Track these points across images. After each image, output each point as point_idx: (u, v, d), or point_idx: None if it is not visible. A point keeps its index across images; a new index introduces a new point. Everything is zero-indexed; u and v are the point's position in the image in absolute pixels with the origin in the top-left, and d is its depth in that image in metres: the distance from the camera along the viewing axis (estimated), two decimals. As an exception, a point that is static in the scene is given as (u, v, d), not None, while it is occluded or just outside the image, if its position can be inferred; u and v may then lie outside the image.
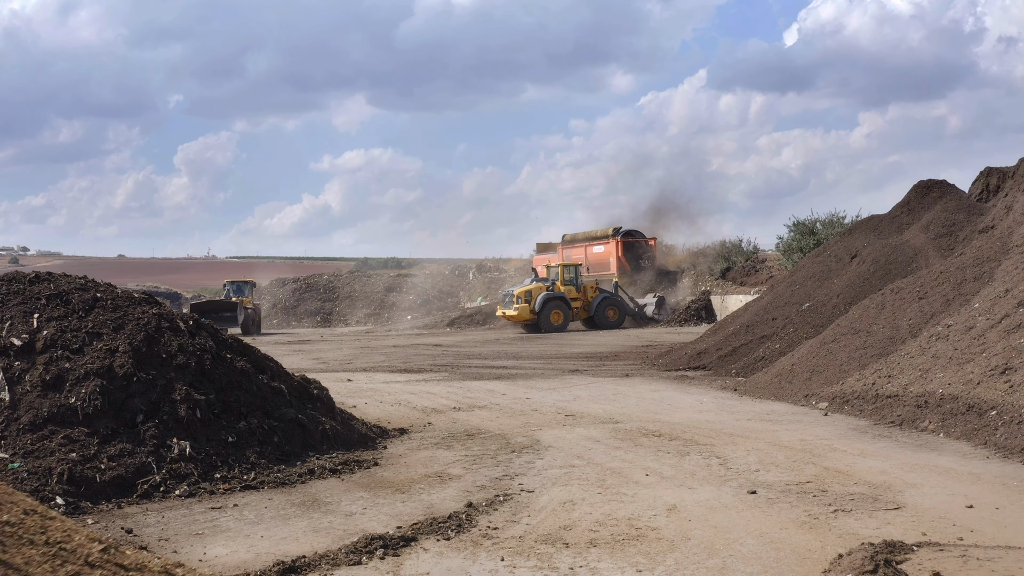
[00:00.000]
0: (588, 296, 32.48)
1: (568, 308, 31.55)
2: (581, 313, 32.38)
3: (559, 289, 31.84)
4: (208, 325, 8.12)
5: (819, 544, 5.01)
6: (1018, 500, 5.97)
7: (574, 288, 32.34)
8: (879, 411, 9.75)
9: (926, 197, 19.50)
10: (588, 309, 32.34)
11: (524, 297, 31.27)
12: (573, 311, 31.89)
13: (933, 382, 9.78)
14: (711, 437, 8.70)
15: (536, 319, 30.98)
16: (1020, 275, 11.81)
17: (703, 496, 6.23)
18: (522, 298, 31.24)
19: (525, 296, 31.30)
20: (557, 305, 31.33)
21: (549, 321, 30.97)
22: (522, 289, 31.75)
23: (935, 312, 12.12)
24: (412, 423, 10.14)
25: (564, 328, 31.24)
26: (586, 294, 32.50)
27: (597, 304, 32.22)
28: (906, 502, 5.98)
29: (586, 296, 32.47)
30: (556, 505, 6.07)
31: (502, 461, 7.71)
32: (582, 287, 32.57)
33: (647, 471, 7.12)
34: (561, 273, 32.45)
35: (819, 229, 37.93)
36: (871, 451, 7.86)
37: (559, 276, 32.34)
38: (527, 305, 31.10)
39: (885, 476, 6.78)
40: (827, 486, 6.48)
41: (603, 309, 32.27)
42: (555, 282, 32.16)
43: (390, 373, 17.27)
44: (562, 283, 32.20)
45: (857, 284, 16.28)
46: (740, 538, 5.19)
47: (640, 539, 5.22)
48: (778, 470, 7.08)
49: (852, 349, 12.13)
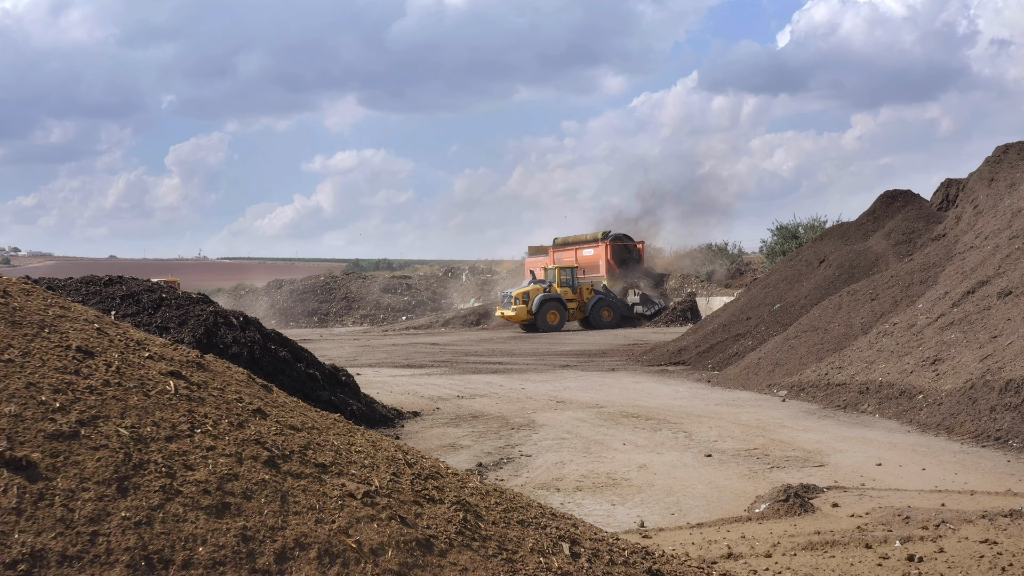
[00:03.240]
0: (584, 297, 33.98)
1: (564, 309, 33.04)
2: (577, 314, 33.85)
3: (555, 291, 33.30)
4: (255, 320, 9.54)
5: (752, 488, 6.49)
6: (918, 461, 7.46)
7: (570, 290, 33.82)
8: (828, 397, 11.25)
9: (891, 206, 21.08)
10: (584, 310, 33.83)
11: (522, 298, 32.76)
12: (569, 312, 33.37)
13: (875, 372, 11.28)
14: (681, 418, 10.17)
15: (533, 319, 32.46)
16: (958, 279, 13.35)
17: (668, 459, 7.70)
18: (520, 299, 32.72)
19: (523, 297, 32.79)
20: (553, 306, 32.82)
21: (545, 321, 32.45)
22: (520, 291, 33.25)
23: (884, 312, 13.64)
24: (423, 408, 11.57)
25: (560, 328, 32.71)
26: (582, 295, 33.99)
27: (593, 305, 33.72)
28: (830, 462, 7.47)
29: (582, 297, 33.96)
30: (549, 465, 7.53)
31: (504, 435, 9.16)
32: (578, 288, 34.07)
33: (624, 442, 8.59)
34: (558, 275, 33.92)
35: (801, 233, 39.61)
36: (814, 427, 9.36)
37: (556, 278, 33.81)
38: (525, 306, 32.58)
39: (819, 444, 8.27)
40: (769, 451, 7.96)
41: (599, 310, 33.77)
42: (552, 284, 33.61)
43: (394, 368, 18.67)
44: (559, 285, 33.66)
45: (823, 287, 17.79)
46: (693, 485, 6.66)
47: (615, 486, 6.68)
48: (733, 441, 8.55)
49: (811, 344, 13.64)
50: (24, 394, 2.11)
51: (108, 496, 1.96)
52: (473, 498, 2.62)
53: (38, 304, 2.52)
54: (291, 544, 2.05)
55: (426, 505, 2.41)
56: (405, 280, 56.42)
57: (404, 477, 2.53)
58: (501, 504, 2.71)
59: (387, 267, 78.22)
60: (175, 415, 2.27)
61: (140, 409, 2.23)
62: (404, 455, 2.77)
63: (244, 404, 2.51)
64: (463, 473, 3.01)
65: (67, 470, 1.97)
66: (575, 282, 34.22)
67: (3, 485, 1.89)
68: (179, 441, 2.18)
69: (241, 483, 2.14)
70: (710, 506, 6.06)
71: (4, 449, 1.95)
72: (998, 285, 12.02)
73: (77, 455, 2.01)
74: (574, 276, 34.44)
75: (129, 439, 2.10)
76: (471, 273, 54.70)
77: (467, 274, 54.70)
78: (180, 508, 2.00)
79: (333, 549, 2.09)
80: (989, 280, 12.44)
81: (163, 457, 2.11)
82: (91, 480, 1.97)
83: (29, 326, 2.35)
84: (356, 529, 2.17)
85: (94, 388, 2.22)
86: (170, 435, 2.19)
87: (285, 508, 2.13)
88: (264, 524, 2.06)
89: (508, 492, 2.96)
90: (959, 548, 4.83)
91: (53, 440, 2.02)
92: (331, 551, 2.08)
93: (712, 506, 6.06)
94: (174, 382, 2.40)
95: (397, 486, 2.44)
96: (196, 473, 2.11)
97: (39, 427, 2.04)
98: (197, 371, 2.63)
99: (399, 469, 2.58)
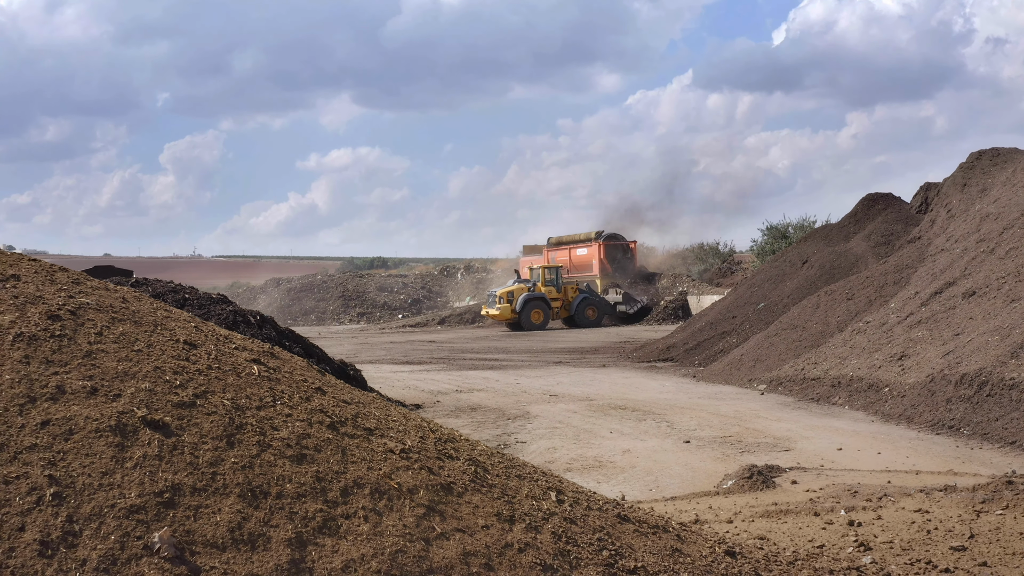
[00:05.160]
0: (569, 296, 34.70)
1: (548, 308, 33.74)
2: (562, 312, 34.57)
3: (540, 290, 34.01)
4: (270, 319, 10.28)
5: (723, 468, 7.27)
6: (876, 446, 8.24)
7: (555, 289, 34.54)
8: (804, 390, 12.04)
9: (872, 208, 21.91)
10: (569, 308, 34.55)
11: (506, 297, 33.47)
12: (554, 311, 34.08)
13: (847, 367, 12.08)
14: (665, 409, 10.94)
15: (518, 318, 33.15)
16: (928, 280, 14.16)
17: (650, 444, 8.48)
18: (504, 298, 33.43)
19: (507, 296, 33.50)
20: (537, 305, 33.52)
21: (530, 320, 33.15)
22: (504, 290, 33.95)
23: (859, 311, 14.45)
24: (424, 401, 12.32)
25: (544, 327, 33.42)
26: (567, 294, 34.71)
27: (577, 304, 34.44)
28: (796, 447, 8.25)
29: (567, 296, 34.68)
30: (543, 450, 8.30)
31: (500, 425, 9.92)
32: (563, 287, 34.80)
33: (611, 430, 9.36)
34: (543, 274, 34.63)
35: (791, 233, 40.49)
36: (786, 418, 10.14)
37: (540, 277, 34.50)
38: (509, 305, 33.28)
39: (789, 432, 9.05)
40: (743, 438, 8.75)
41: (583, 308, 34.51)
42: (536, 283, 34.31)
43: (394, 365, 19.43)
44: (543, 284, 34.36)
45: (805, 287, 18.60)
46: (671, 466, 7.44)
47: (601, 467, 7.45)
48: (710, 429, 9.33)
49: (790, 342, 14.43)
50: (153, 375, 2.86)
51: (221, 447, 2.71)
52: (482, 457, 3.37)
53: (148, 308, 3.26)
54: (351, 484, 2.80)
55: (446, 460, 3.16)
56: (401, 278, 57.17)
57: (429, 440, 3.28)
58: (503, 463, 3.46)
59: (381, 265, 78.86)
60: (260, 391, 3.02)
61: (235, 386, 2.98)
62: (428, 424, 3.53)
63: (308, 383, 3.25)
64: (473, 440, 3.77)
65: (190, 429, 2.73)
66: (559, 281, 34.91)
67: (147, 439, 2.64)
68: (266, 410, 2.93)
69: (312, 440, 2.89)
70: (684, 483, 6.83)
71: (145, 414, 2.70)
72: (963, 286, 12.82)
73: (196, 419, 2.77)
74: (558, 275, 35.12)
75: (231, 407, 2.85)
76: (466, 272, 55.48)
77: (462, 272, 55.48)
78: (271, 456, 2.75)
79: (380, 488, 2.84)
80: (956, 281, 13.25)
81: (256, 421, 2.86)
82: (208, 436, 2.73)
83: (147, 324, 3.09)
84: (396, 475, 2.92)
85: (201, 371, 2.97)
86: (259, 405, 2.94)
87: (345, 458, 2.89)
88: (331, 469, 2.81)
89: (508, 455, 3.71)
90: (895, 516, 5.60)
91: (178, 408, 2.77)
92: (379, 489, 2.83)
93: (686, 483, 6.83)
94: (257, 367, 3.14)
95: (424, 446, 3.19)
96: (280, 432, 2.86)
97: (167, 398, 2.79)
98: (271, 359, 3.38)
99: (425, 434, 3.33)
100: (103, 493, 2.47)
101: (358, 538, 2.63)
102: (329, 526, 2.62)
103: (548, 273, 34.89)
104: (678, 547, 3.50)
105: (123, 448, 2.58)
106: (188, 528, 2.46)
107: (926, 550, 4.78)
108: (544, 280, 34.51)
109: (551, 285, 34.56)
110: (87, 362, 2.81)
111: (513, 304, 33.32)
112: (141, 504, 2.47)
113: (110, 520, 2.42)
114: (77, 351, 2.84)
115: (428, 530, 2.76)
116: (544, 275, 34.67)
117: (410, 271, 62.17)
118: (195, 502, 2.55)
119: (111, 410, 2.67)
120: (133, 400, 2.73)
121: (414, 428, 3.38)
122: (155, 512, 2.47)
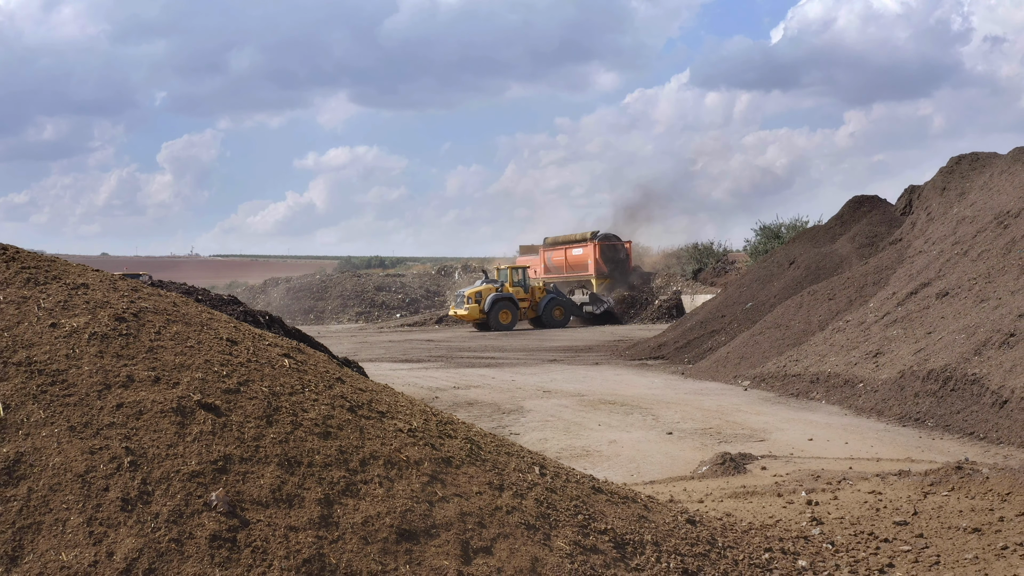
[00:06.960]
0: (536, 297, 35.06)
1: (516, 308, 33.98)
2: (529, 313, 34.85)
3: (507, 290, 34.32)
4: (278, 319, 10.85)
5: (700, 456, 7.88)
6: (845, 437, 8.86)
7: (522, 289, 34.88)
8: (785, 386, 12.66)
9: (857, 211, 22.54)
10: (536, 309, 34.89)
11: (474, 297, 33.65)
12: (521, 311, 34.41)
13: (826, 364, 12.70)
14: (652, 404, 11.55)
15: (486, 318, 33.50)
16: (905, 281, 14.80)
17: (635, 436, 9.09)
18: (472, 298, 33.62)
19: (475, 296, 33.70)
20: (505, 305, 33.71)
21: (498, 320, 33.43)
22: (472, 290, 34.17)
23: (840, 310, 15.07)
24: (423, 397, 12.92)
25: (511, 327, 33.63)
26: (534, 295, 35.05)
27: (545, 304, 34.77)
28: (770, 438, 8.87)
29: (534, 297, 35.02)
30: (535, 440, 8.90)
31: (496, 419, 10.52)
32: (530, 288, 35.17)
33: (599, 423, 9.97)
34: (510, 275, 34.89)
35: (784, 233, 41.17)
36: (765, 411, 10.76)
37: (508, 278, 34.84)
38: (477, 305, 33.49)
39: (765, 425, 9.67)
40: (722, 430, 9.36)
41: (550, 309, 34.83)
42: (504, 283, 34.65)
43: (393, 363, 20.03)
44: (511, 284, 34.69)
45: (791, 287, 19.22)
46: (652, 455, 8.05)
47: (588, 456, 8.06)
48: (693, 422, 9.94)
49: (773, 340, 15.05)
50: (204, 367, 3.46)
51: (261, 426, 3.31)
52: (476, 437, 3.97)
53: (194, 311, 3.86)
54: (368, 456, 3.40)
55: (446, 439, 3.77)
56: (399, 278, 57.75)
57: (431, 422, 3.88)
58: (494, 443, 4.06)
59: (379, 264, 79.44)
60: (291, 380, 3.62)
61: (271, 376, 3.58)
62: (430, 409, 4.13)
63: (330, 374, 3.85)
64: (469, 423, 4.37)
65: (236, 410, 3.32)
66: (527, 282, 35.24)
67: (203, 418, 3.24)
68: (296, 395, 3.53)
69: (335, 420, 3.49)
70: (663, 469, 7.44)
71: (200, 398, 3.30)
72: (937, 287, 13.46)
73: (241, 402, 3.36)
74: (525, 276, 35.45)
75: (269, 394, 3.45)
76: (464, 271, 56.10)
77: (459, 272, 56.10)
78: (302, 433, 3.35)
79: (392, 460, 3.44)
80: (931, 282, 13.89)
81: (289, 404, 3.46)
82: (251, 416, 3.32)
83: (196, 324, 3.69)
84: (405, 450, 3.53)
85: (242, 363, 3.57)
86: (291, 392, 3.54)
87: (362, 436, 3.48)
88: (351, 444, 3.41)
89: (499, 436, 4.31)
90: (850, 497, 6.21)
91: (226, 393, 3.37)
92: (391, 461, 3.43)
93: (665, 469, 7.44)
94: (287, 360, 3.74)
95: (428, 427, 3.80)
96: (309, 414, 3.46)
97: (217, 385, 3.39)
98: (298, 354, 3.98)
99: (428, 417, 3.93)
100: (169, 461, 3.06)
101: (374, 499, 3.23)
102: (351, 489, 3.22)
103: (515, 274, 35.18)
104: (644, 515, 4.10)
105: (183, 425, 3.18)
106: (238, 489, 3.05)
107: (872, 524, 5.39)
108: (512, 280, 34.80)
109: (519, 285, 34.79)
110: (150, 356, 3.41)
111: (481, 304, 33.41)
112: (200, 470, 3.06)
113: (176, 482, 3.01)
114: (141, 347, 3.44)
115: (431, 495, 3.36)
116: (511, 275, 34.94)
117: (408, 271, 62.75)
118: (243, 469, 3.14)
119: (172, 395, 3.27)
120: (189, 387, 3.32)
121: (419, 412, 3.98)
122: (211, 476, 3.06)
